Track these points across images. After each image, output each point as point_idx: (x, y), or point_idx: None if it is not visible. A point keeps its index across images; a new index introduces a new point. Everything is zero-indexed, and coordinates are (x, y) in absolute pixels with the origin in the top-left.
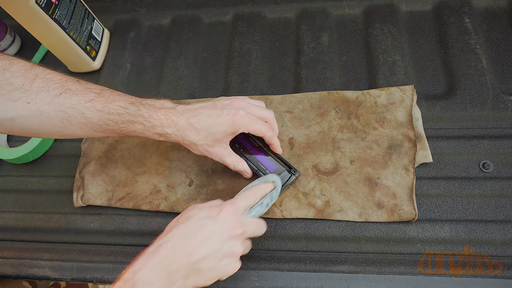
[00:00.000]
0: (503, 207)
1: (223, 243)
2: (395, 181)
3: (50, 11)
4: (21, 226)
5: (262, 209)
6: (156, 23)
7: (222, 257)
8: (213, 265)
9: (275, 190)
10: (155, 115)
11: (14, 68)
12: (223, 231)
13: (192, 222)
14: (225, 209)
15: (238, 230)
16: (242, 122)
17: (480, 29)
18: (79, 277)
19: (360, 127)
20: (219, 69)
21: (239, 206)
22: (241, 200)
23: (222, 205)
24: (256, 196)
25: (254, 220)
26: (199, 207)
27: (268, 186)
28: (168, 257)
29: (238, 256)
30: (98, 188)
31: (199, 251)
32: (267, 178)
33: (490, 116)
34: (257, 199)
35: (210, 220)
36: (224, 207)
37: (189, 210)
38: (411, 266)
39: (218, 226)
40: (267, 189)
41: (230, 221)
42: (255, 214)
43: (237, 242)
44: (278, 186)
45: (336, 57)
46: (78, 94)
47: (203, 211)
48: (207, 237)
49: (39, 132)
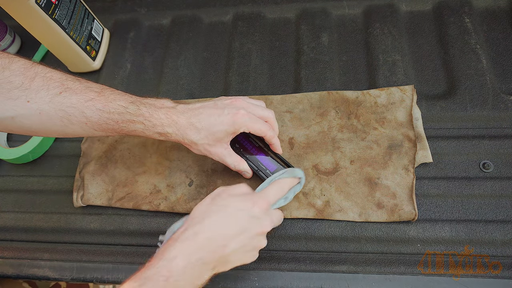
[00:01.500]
0: (503, 207)
1: (253, 238)
2: (395, 181)
3: (50, 11)
4: (21, 226)
5: (285, 202)
6: (156, 23)
7: (249, 250)
8: (240, 257)
9: (299, 184)
10: (155, 115)
11: (14, 67)
12: (256, 228)
13: (227, 213)
14: (258, 204)
15: (268, 227)
16: (242, 121)
17: (480, 29)
18: (79, 277)
19: (360, 127)
20: (219, 69)
21: (270, 202)
22: (272, 195)
23: (254, 198)
24: (284, 191)
25: (278, 213)
26: (232, 193)
27: (295, 181)
28: (203, 249)
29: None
30: (98, 188)
31: (232, 244)
32: (295, 173)
33: (490, 116)
34: (284, 194)
35: (244, 213)
36: (257, 202)
37: (220, 196)
38: (411, 266)
39: (252, 222)
40: (293, 184)
41: (263, 218)
42: (278, 206)
43: (263, 237)
44: (302, 181)
45: (336, 57)
46: (78, 93)
47: (236, 201)
48: (241, 232)
49: (39, 131)
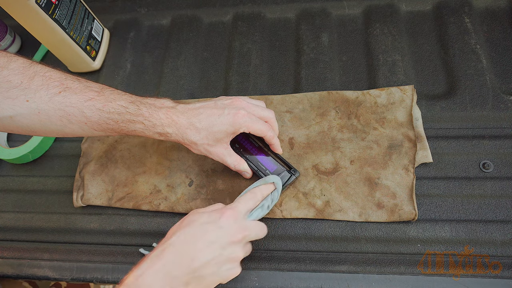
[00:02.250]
0: (503, 207)
1: (224, 249)
2: (395, 181)
3: (50, 11)
4: (21, 226)
5: (263, 212)
6: (156, 23)
7: (223, 263)
8: (214, 271)
9: (276, 191)
10: (155, 114)
11: (13, 66)
12: (224, 237)
13: (194, 227)
14: (225, 214)
15: (238, 236)
16: (243, 121)
17: (480, 29)
18: (79, 277)
19: (360, 127)
20: (219, 69)
21: (240, 211)
22: (241, 204)
23: (223, 209)
24: (256, 199)
25: (255, 223)
26: (200, 211)
27: (268, 187)
28: (170, 262)
29: (239, 260)
30: (98, 188)
31: (201, 257)
32: (267, 179)
33: (490, 116)
34: (257, 202)
35: (211, 225)
36: (224, 212)
37: (191, 214)
38: (411, 266)
39: (219, 232)
40: (268, 191)
41: (231, 227)
42: (256, 217)
43: (238, 248)
44: (279, 187)
45: (336, 57)
46: (77, 92)
47: (204, 216)
48: (209, 243)
49: (38, 130)
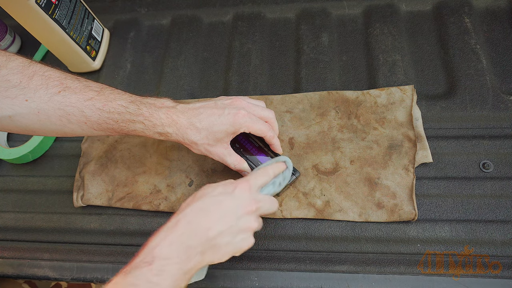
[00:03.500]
0: (503, 207)
1: (239, 219)
2: (395, 181)
3: (50, 11)
4: (21, 226)
5: (274, 188)
6: (156, 23)
7: (237, 232)
8: (229, 240)
9: (287, 170)
10: (155, 114)
11: (12, 65)
12: (238, 207)
13: (208, 198)
14: (239, 186)
15: (252, 206)
16: (243, 121)
17: (480, 29)
18: (79, 277)
19: (360, 127)
20: (219, 69)
21: (253, 184)
22: (254, 178)
23: (236, 182)
24: (268, 175)
25: (267, 197)
26: (214, 185)
27: (279, 165)
28: (185, 233)
29: (253, 231)
30: (98, 188)
31: (216, 226)
32: (278, 158)
33: (490, 116)
34: (269, 178)
35: (225, 196)
36: (238, 184)
37: (204, 188)
38: (411, 266)
39: (234, 202)
40: (280, 169)
41: (245, 198)
42: (268, 192)
43: (252, 218)
44: (290, 166)
45: (336, 57)
46: (77, 92)
47: (218, 188)
48: (223, 213)
49: (38, 130)
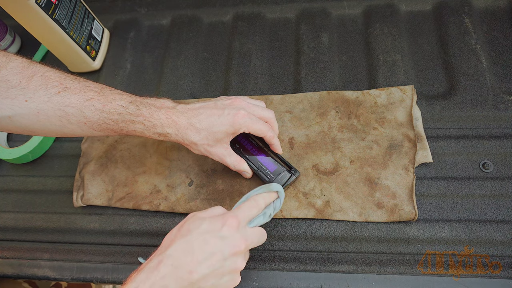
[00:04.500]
0: (503, 207)
1: (225, 260)
2: (395, 181)
3: (50, 11)
4: (21, 226)
5: (264, 219)
6: (156, 23)
7: (223, 274)
8: (214, 283)
9: (279, 200)
10: (155, 115)
11: (11, 65)
12: (225, 248)
13: (193, 237)
14: (227, 223)
15: (241, 246)
16: (243, 122)
17: (480, 29)
18: (79, 277)
19: (360, 127)
20: (219, 69)
21: (242, 219)
22: (244, 212)
23: (224, 217)
24: (259, 207)
25: (256, 231)
26: (200, 217)
27: (271, 195)
28: (168, 276)
29: (239, 271)
30: (98, 188)
31: (200, 269)
32: (271, 187)
33: (490, 116)
34: (260, 210)
35: (212, 235)
36: (226, 220)
37: (190, 220)
38: (411, 266)
39: (221, 242)
40: (271, 199)
41: (233, 237)
42: (257, 224)
43: (239, 258)
44: (282, 196)
45: (336, 57)
46: (77, 92)
47: (204, 223)
48: (209, 255)
49: (37, 130)
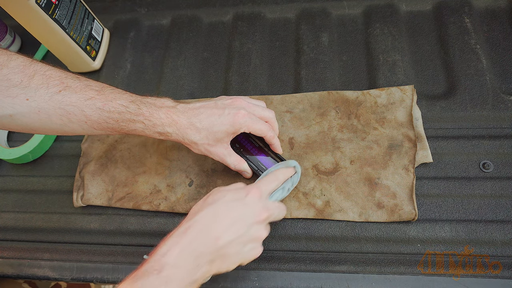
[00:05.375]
0: (503, 207)
1: (249, 228)
2: (395, 181)
3: (50, 11)
4: (21, 226)
5: (283, 194)
6: (156, 23)
7: (247, 242)
8: (238, 250)
9: (296, 175)
10: (155, 114)
11: (13, 64)
12: (249, 216)
13: (219, 205)
14: (251, 193)
15: (263, 215)
16: (243, 121)
17: (480, 29)
18: (79, 277)
19: (360, 127)
20: (219, 69)
21: (264, 190)
22: (265, 185)
23: (247, 188)
24: (279, 181)
25: (277, 204)
26: (225, 189)
27: (289, 170)
28: (195, 241)
29: (262, 240)
30: (98, 188)
31: (226, 235)
32: (288, 163)
33: (490, 116)
34: (280, 183)
35: (236, 203)
36: (250, 191)
37: (215, 192)
38: (411, 266)
39: (245, 210)
40: (289, 174)
41: (256, 206)
42: (277, 198)
43: (262, 227)
44: (299, 171)
45: (336, 57)
46: (78, 91)
47: (229, 194)
48: (234, 221)
49: (38, 128)
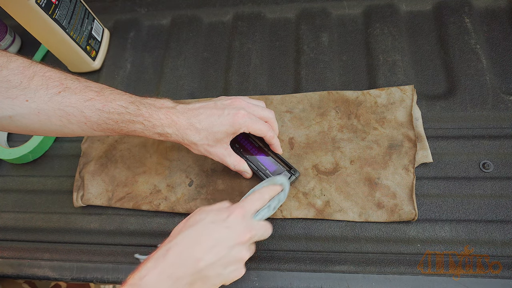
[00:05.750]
0: (503, 207)
1: (231, 250)
2: (395, 181)
3: (50, 11)
4: (21, 226)
5: (269, 212)
6: (156, 23)
7: (228, 264)
8: (219, 272)
9: (283, 192)
10: (155, 115)
11: (12, 66)
12: (231, 237)
13: (199, 227)
14: (234, 213)
15: (246, 236)
16: (243, 122)
17: (480, 29)
18: (79, 277)
19: (360, 127)
20: (219, 69)
21: (248, 210)
22: (249, 204)
23: (231, 208)
24: (264, 199)
25: (261, 223)
26: (207, 210)
27: (276, 188)
28: (175, 264)
29: (244, 262)
30: (98, 188)
31: (206, 257)
32: (275, 180)
33: (490, 116)
34: (265, 202)
35: (218, 225)
36: (233, 211)
37: (197, 213)
38: (411, 266)
39: (226, 231)
40: (275, 192)
41: (239, 227)
42: (262, 217)
43: (244, 248)
44: (286, 188)
45: (336, 57)
46: (77, 92)
47: (211, 214)
48: (215, 243)
49: (38, 130)
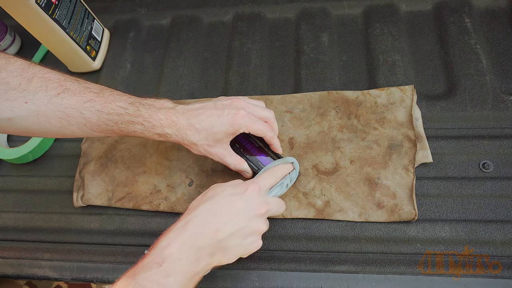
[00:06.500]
0: (503, 207)
1: (249, 221)
2: (395, 181)
3: (50, 11)
4: (21, 226)
5: (282, 190)
6: (156, 23)
7: (247, 235)
8: (238, 243)
9: (294, 171)
10: (155, 115)
11: (11, 67)
12: (249, 209)
13: (218, 199)
14: (250, 187)
15: (262, 209)
16: (242, 122)
17: (480, 29)
18: (79, 277)
19: (360, 127)
20: (219, 69)
21: (263, 186)
22: (263, 180)
23: (246, 183)
24: (277, 177)
25: (275, 199)
26: (224, 185)
27: (287, 167)
28: (196, 234)
29: (261, 234)
30: (98, 188)
31: (226, 228)
32: (286, 159)
33: (490, 116)
34: (277, 180)
35: (236, 197)
36: (249, 186)
37: (214, 187)
38: (411, 266)
39: (245, 204)
40: (287, 170)
41: (255, 200)
42: (275, 194)
43: (261, 220)
44: (297, 167)
45: (336, 57)
46: (76, 94)
47: (228, 188)
48: (234, 215)
49: (37, 132)
